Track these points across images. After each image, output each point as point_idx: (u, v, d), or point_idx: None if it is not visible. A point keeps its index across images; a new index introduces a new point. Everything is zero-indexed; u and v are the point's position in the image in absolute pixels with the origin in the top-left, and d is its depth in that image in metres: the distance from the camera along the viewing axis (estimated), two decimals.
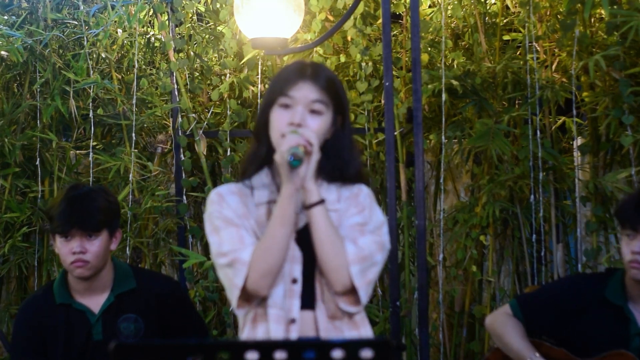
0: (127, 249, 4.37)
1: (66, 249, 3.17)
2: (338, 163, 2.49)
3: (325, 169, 2.48)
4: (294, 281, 2.42)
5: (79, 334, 3.25)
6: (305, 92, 2.43)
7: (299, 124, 2.41)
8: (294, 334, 2.40)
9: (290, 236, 2.41)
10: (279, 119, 2.43)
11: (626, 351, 3.14)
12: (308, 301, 2.43)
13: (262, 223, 2.46)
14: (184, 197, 4.50)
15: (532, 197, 4.33)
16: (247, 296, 2.42)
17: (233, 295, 2.43)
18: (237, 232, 2.44)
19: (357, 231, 2.42)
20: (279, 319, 2.41)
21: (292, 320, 2.41)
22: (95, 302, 3.26)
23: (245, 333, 2.46)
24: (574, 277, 3.97)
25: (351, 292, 2.39)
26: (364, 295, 2.39)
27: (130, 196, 4.40)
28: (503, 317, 3.31)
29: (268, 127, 2.47)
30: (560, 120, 4.48)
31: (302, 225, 2.47)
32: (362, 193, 2.48)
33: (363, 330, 2.46)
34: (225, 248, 2.44)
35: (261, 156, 2.49)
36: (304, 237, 2.44)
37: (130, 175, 4.40)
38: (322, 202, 2.40)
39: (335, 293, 2.40)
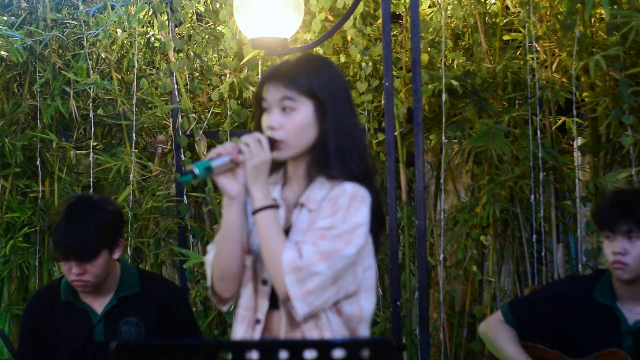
0: (128, 249, 4.37)
1: (65, 267, 3.18)
2: (322, 158, 2.42)
3: (318, 164, 2.43)
4: (264, 282, 2.43)
5: (80, 333, 3.26)
6: (273, 93, 2.42)
7: (271, 126, 2.40)
8: (256, 335, 2.41)
9: (235, 243, 2.41)
10: (263, 124, 2.44)
11: (617, 349, 3.17)
12: (277, 302, 2.42)
13: None
14: (185, 197, 4.50)
15: (532, 197, 4.33)
16: (217, 297, 2.50)
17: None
18: None
19: (315, 236, 2.35)
20: (243, 319, 2.45)
21: (257, 321, 2.43)
22: (99, 303, 3.27)
23: (233, 330, 2.51)
24: (562, 280, 4.00)
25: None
26: (303, 305, 2.33)
27: (131, 196, 4.40)
28: (496, 324, 3.34)
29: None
30: (561, 121, 4.49)
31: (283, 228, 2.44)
32: (344, 194, 2.38)
33: (325, 336, 2.39)
34: (209, 247, 2.52)
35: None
36: None
37: (131, 176, 4.40)
38: (265, 208, 2.37)
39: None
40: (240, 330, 2.44)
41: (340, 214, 2.36)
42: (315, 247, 2.34)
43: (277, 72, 2.45)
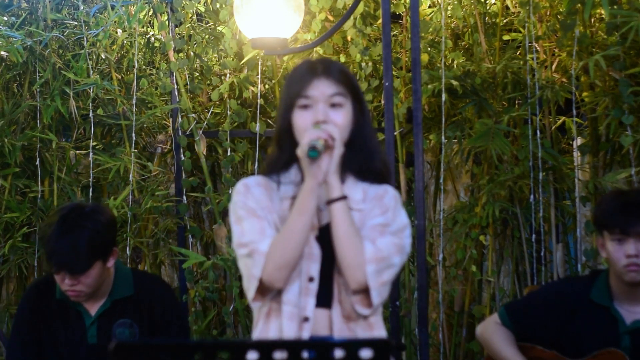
0: (127, 249, 4.37)
1: (58, 278, 3.16)
2: (364, 153, 2.47)
3: (352, 162, 2.47)
4: (311, 279, 2.42)
5: (74, 334, 3.25)
6: (322, 89, 2.43)
7: (323, 120, 2.41)
8: (306, 333, 2.39)
9: (309, 230, 2.39)
10: (302, 120, 2.43)
11: (615, 349, 3.16)
12: (324, 300, 2.42)
13: (284, 217, 2.45)
14: (184, 197, 4.50)
15: (531, 197, 4.33)
16: (263, 288, 2.42)
17: (251, 286, 2.42)
18: (258, 223, 2.44)
19: (377, 232, 2.41)
20: (292, 317, 2.40)
21: (305, 319, 2.40)
22: (93, 305, 3.25)
23: (259, 327, 2.46)
24: (559, 282, 3.99)
25: (365, 292, 2.38)
26: (377, 296, 2.37)
27: (130, 196, 4.40)
28: (492, 326, 3.34)
29: (291, 132, 2.46)
30: (560, 120, 4.49)
31: (325, 223, 2.45)
32: (388, 194, 2.47)
33: (377, 333, 2.44)
34: (246, 239, 2.44)
35: (283, 161, 2.49)
36: (325, 236, 2.43)
37: (130, 176, 4.40)
38: (343, 198, 2.39)
39: (351, 292, 2.39)
40: (290, 328, 2.39)
41: (390, 213, 2.46)
42: (387, 239, 2.40)
43: (323, 70, 2.46)
